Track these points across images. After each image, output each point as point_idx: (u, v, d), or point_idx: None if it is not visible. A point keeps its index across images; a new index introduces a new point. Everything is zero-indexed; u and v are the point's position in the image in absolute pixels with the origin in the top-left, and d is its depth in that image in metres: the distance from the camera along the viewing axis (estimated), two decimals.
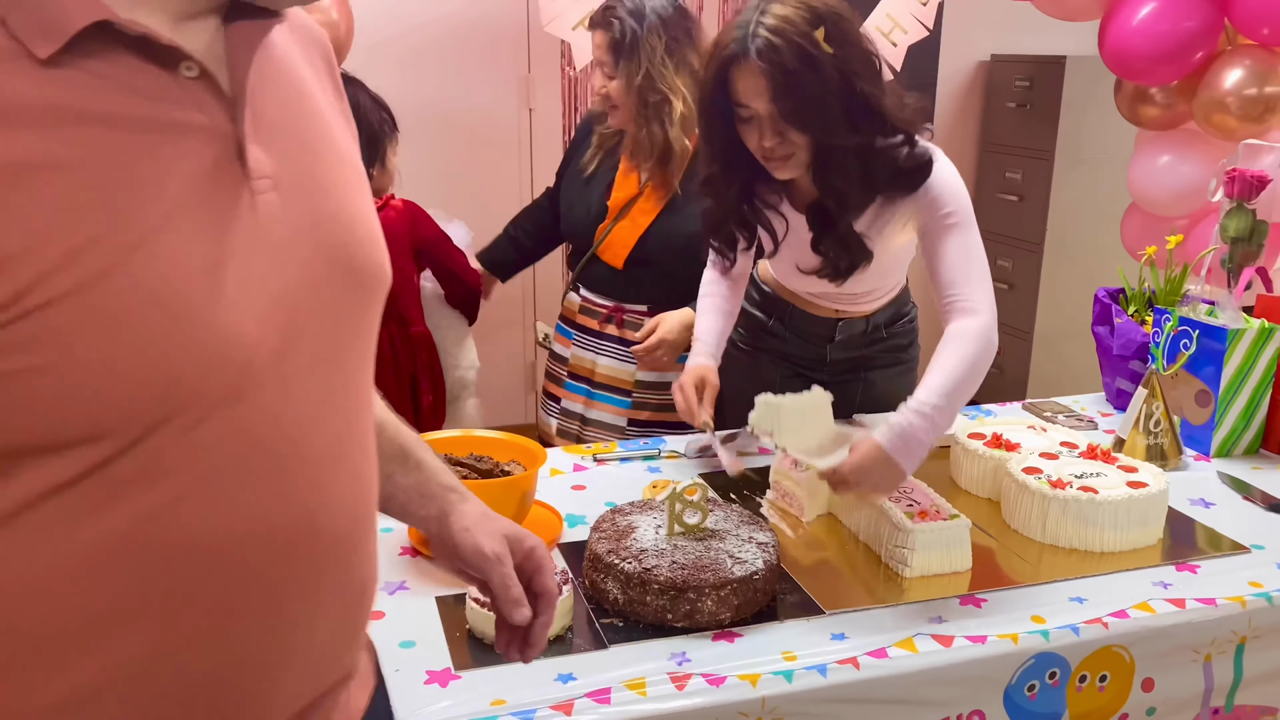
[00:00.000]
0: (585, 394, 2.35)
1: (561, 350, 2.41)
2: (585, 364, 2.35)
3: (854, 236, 1.71)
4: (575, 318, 2.36)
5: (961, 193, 1.71)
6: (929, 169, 1.68)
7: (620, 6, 2.08)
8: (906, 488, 1.59)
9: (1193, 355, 1.94)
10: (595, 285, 2.32)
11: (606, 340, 2.32)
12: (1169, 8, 2.54)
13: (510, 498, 1.51)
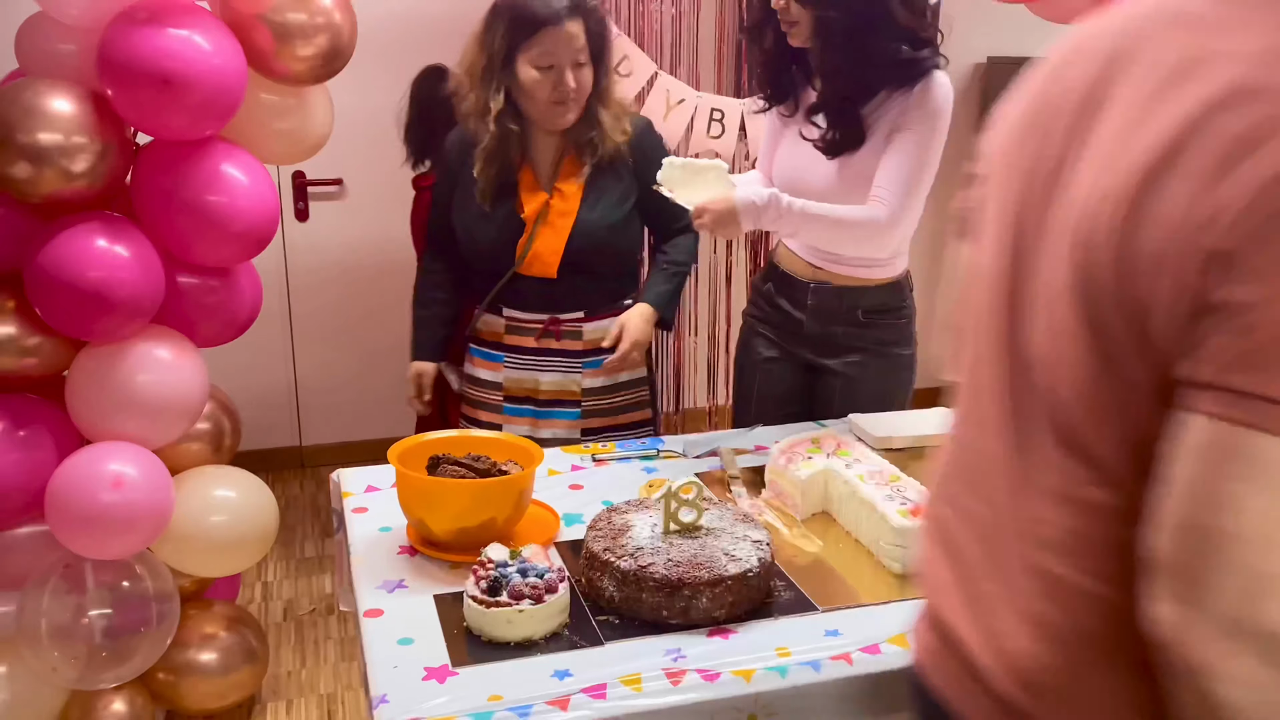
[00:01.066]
0: (531, 414, 2.24)
1: (489, 376, 2.26)
2: (526, 384, 2.23)
3: (851, 113, 1.97)
4: (503, 339, 2.23)
5: (934, 114, 1.94)
6: (920, 75, 1.92)
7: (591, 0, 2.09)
8: (901, 486, 1.61)
9: None
10: (521, 302, 2.20)
11: (546, 355, 2.23)
12: None
13: (507, 497, 1.53)
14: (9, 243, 1.99)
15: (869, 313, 2.15)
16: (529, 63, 2.03)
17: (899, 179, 1.96)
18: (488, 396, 2.27)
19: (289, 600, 3.11)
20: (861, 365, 2.17)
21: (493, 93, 2.07)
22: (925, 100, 1.94)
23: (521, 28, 2.01)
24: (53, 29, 1.99)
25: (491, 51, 2.05)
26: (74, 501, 1.99)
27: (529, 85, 2.04)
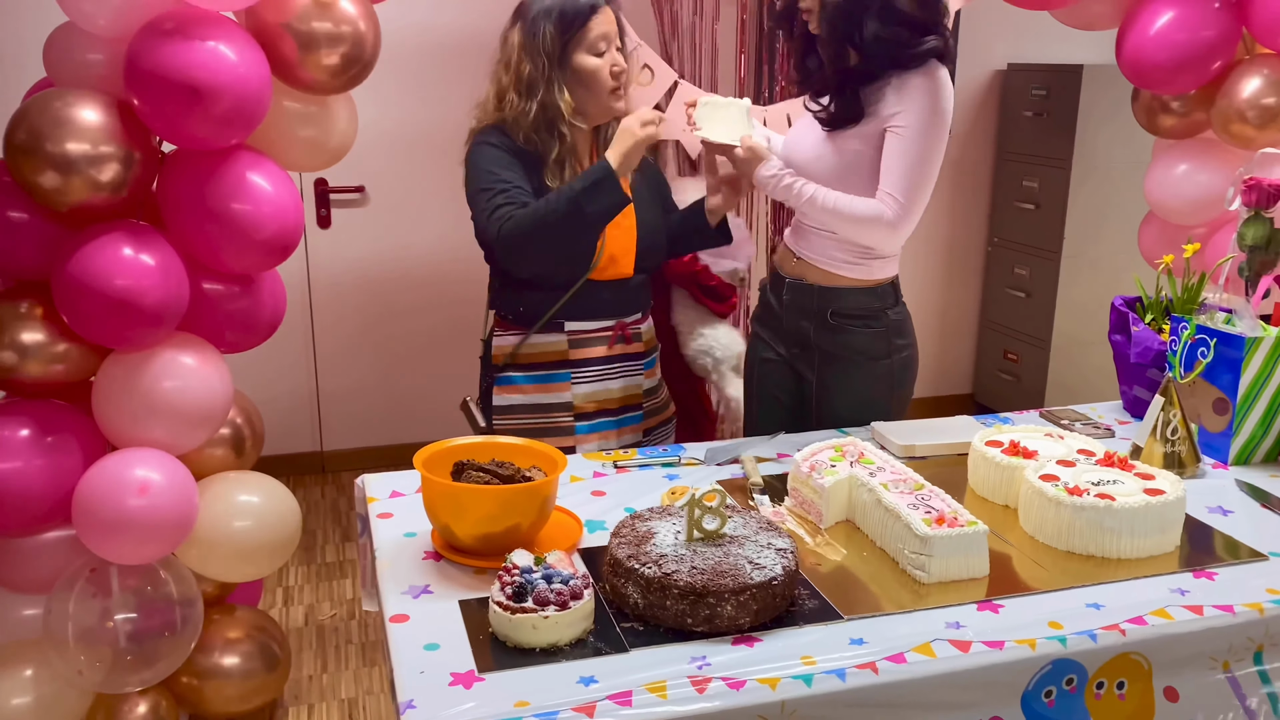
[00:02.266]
0: (607, 427, 2.23)
1: (552, 399, 2.18)
2: (599, 397, 2.20)
3: (852, 93, 2.02)
4: (568, 355, 2.17)
5: (929, 105, 1.97)
6: (918, 64, 1.96)
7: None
8: (925, 494, 1.60)
9: (1210, 363, 1.95)
10: (587, 311, 2.16)
11: (614, 362, 2.22)
12: (1187, 17, 2.54)
13: (531, 503, 1.53)
14: (37, 251, 2.01)
15: (838, 315, 2.15)
16: (587, 51, 2.07)
17: (903, 174, 1.98)
18: (555, 420, 2.19)
19: (310, 605, 3.13)
20: (835, 372, 2.19)
21: (558, 93, 2.07)
22: (921, 89, 1.97)
23: (574, 19, 2.05)
24: (80, 39, 2.01)
25: (546, 53, 2.05)
26: (100, 507, 2.00)
27: (592, 73, 2.08)
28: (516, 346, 2.18)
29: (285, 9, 2.03)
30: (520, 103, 2.07)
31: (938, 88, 1.98)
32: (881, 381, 2.18)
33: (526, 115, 2.07)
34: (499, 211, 2.02)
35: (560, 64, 2.06)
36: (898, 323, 2.18)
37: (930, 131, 1.98)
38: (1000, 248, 4.56)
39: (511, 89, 2.08)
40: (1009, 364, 4.56)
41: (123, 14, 1.94)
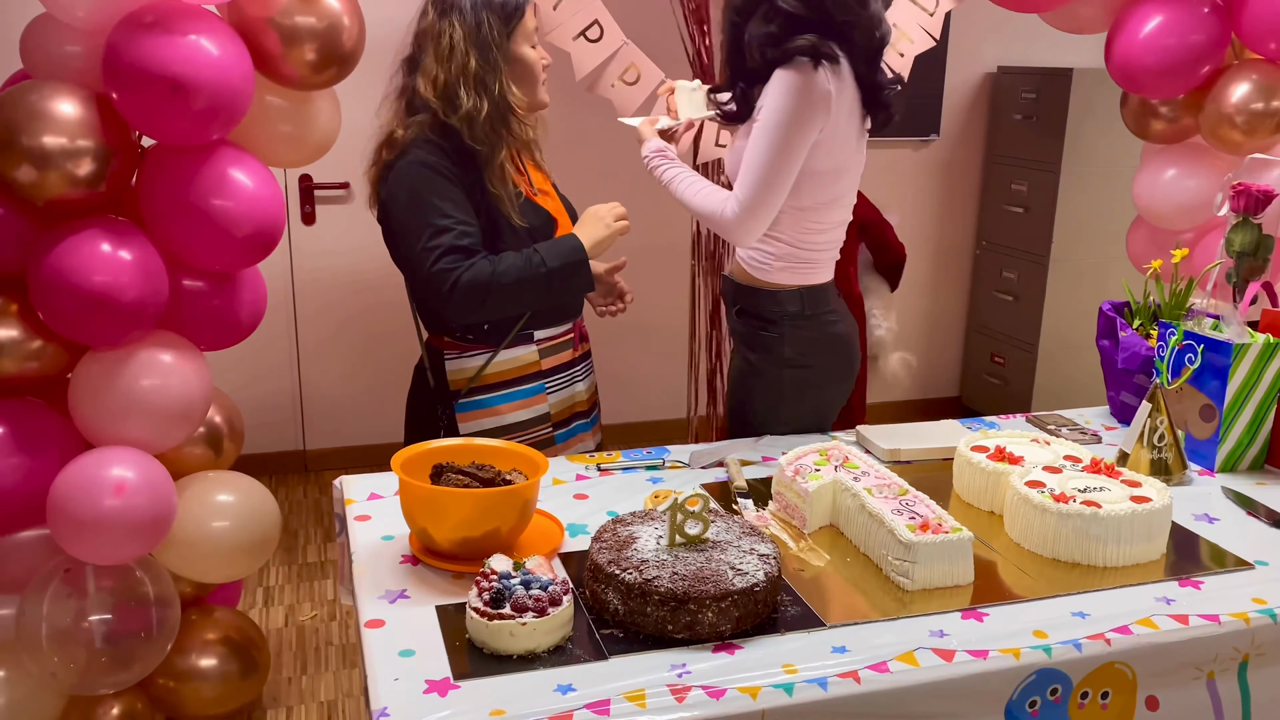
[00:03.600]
0: (581, 429, 2.20)
1: (531, 413, 2.10)
2: (568, 401, 2.16)
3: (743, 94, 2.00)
4: (540, 366, 2.10)
5: (777, 106, 1.88)
6: (786, 61, 1.88)
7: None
8: (909, 500, 1.58)
9: (1197, 370, 1.94)
10: (551, 319, 2.09)
11: (579, 363, 2.20)
12: (1176, 22, 2.53)
13: (511, 507, 1.51)
14: (13, 246, 1.98)
15: (741, 312, 2.13)
16: (525, 42, 2.01)
17: (745, 172, 1.93)
18: (535, 434, 2.11)
19: (290, 606, 3.10)
20: (739, 369, 2.17)
21: (507, 86, 1.97)
22: (774, 87, 1.89)
23: (514, 10, 1.97)
24: (58, 31, 1.98)
25: (495, 44, 1.94)
26: (75, 506, 1.97)
27: (531, 65, 2.01)
28: (482, 367, 2.05)
29: (268, 3, 2.01)
30: (471, 100, 1.92)
31: (787, 86, 1.86)
32: (772, 389, 2.10)
33: (479, 113, 1.93)
34: (446, 260, 1.88)
35: (504, 58, 1.97)
36: (799, 336, 2.07)
37: (774, 130, 1.88)
38: (988, 251, 4.56)
39: (460, 86, 1.92)
40: (996, 367, 4.55)
41: (102, 6, 1.91)
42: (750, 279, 2.09)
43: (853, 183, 2.05)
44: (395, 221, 1.96)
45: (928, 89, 4.31)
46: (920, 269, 4.62)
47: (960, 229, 4.62)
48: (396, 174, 1.94)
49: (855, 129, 1.98)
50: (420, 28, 1.98)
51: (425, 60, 1.96)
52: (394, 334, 3.92)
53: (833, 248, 2.10)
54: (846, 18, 1.89)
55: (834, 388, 2.16)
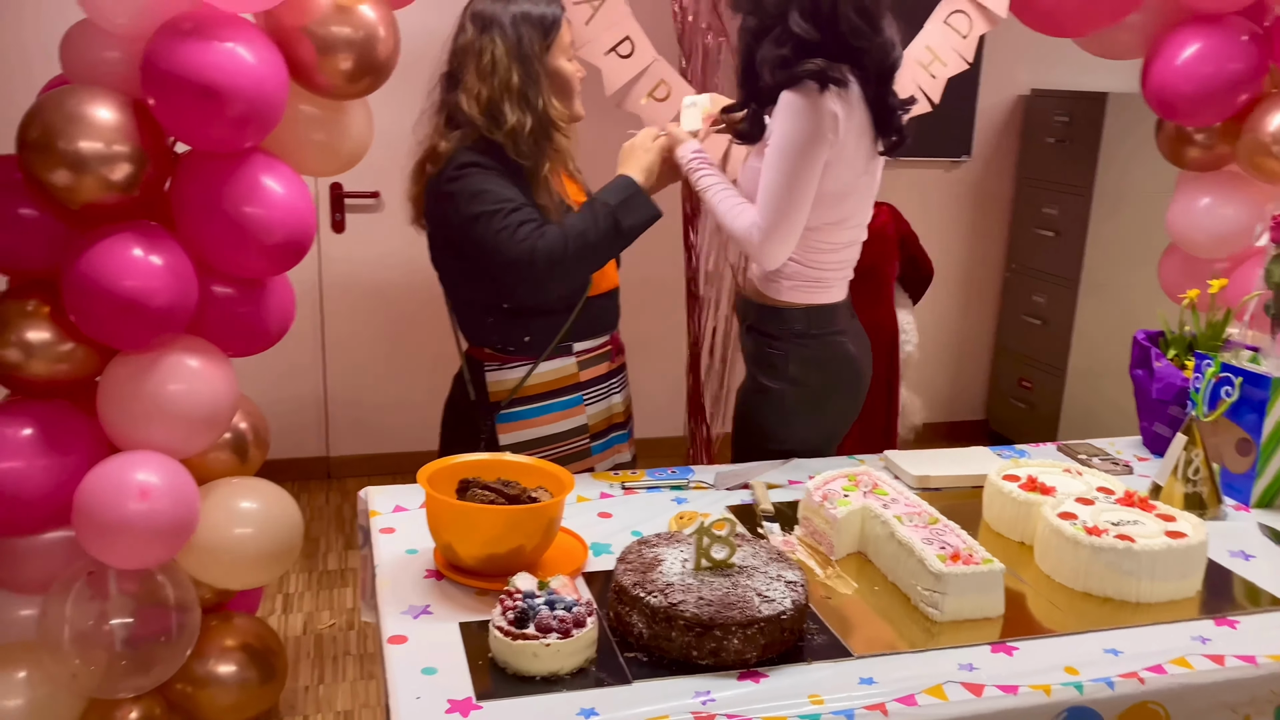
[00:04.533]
0: (619, 440, 2.20)
1: (568, 425, 2.10)
2: (605, 413, 2.16)
3: (755, 112, 2.01)
4: (579, 378, 2.10)
5: (783, 130, 1.89)
6: (795, 84, 1.87)
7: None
8: (939, 529, 1.56)
9: (1234, 402, 1.90)
10: (588, 330, 2.09)
11: (616, 375, 2.20)
12: (1214, 49, 2.51)
13: (536, 525, 1.50)
14: (46, 249, 2.00)
15: (750, 329, 2.14)
16: (562, 56, 2.01)
17: (763, 199, 1.93)
18: (573, 446, 2.11)
19: (309, 613, 3.09)
20: (744, 386, 2.17)
21: (548, 99, 1.98)
22: (782, 111, 1.89)
23: (552, 24, 1.97)
24: (98, 36, 1.99)
25: (531, 57, 1.95)
26: (100, 510, 1.98)
27: (569, 78, 2.02)
28: (523, 379, 2.05)
29: (305, 12, 2.02)
30: (515, 114, 1.93)
31: (794, 110, 1.87)
32: (772, 406, 2.09)
33: (523, 127, 1.94)
34: (523, 229, 1.88)
35: (545, 71, 1.97)
36: (804, 355, 2.06)
37: (784, 155, 1.89)
38: (1018, 274, 4.52)
39: (504, 101, 1.93)
40: (1023, 391, 4.51)
41: (142, 12, 1.92)
42: (761, 296, 2.09)
43: (861, 204, 2.04)
44: (461, 220, 1.92)
45: (960, 110, 4.28)
46: (949, 290, 4.59)
47: (990, 251, 4.59)
48: (449, 179, 1.93)
49: (864, 152, 1.97)
50: (459, 44, 1.98)
51: (467, 77, 1.96)
52: (419, 342, 3.93)
53: (843, 267, 2.09)
54: (859, 43, 1.89)
55: (838, 408, 2.14)
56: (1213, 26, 2.52)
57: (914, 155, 4.29)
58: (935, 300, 4.57)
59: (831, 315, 2.08)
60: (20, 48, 3.33)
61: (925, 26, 2.62)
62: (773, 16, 1.90)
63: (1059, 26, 2.66)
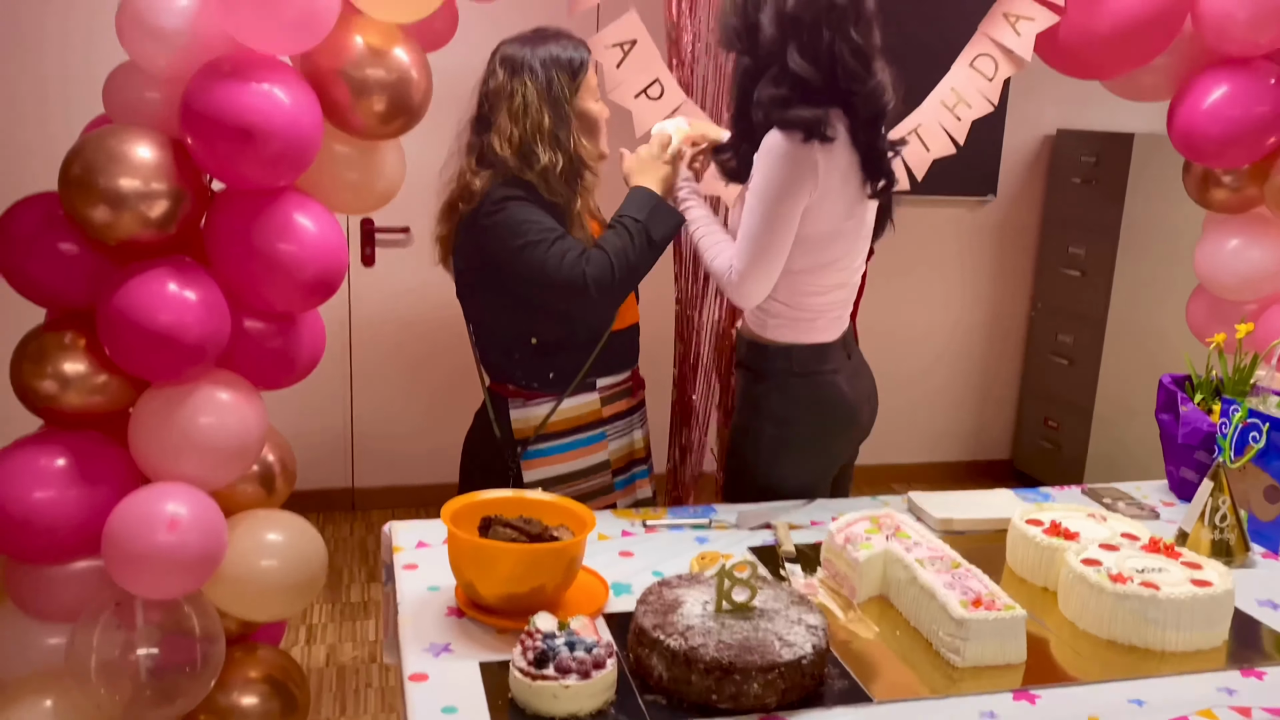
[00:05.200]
0: (641, 475, 2.22)
1: (592, 461, 2.13)
2: (627, 448, 2.19)
3: (745, 154, 1.98)
4: (601, 414, 2.14)
5: (761, 175, 1.91)
6: (784, 129, 1.88)
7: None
8: (962, 573, 1.56)
9: (1262, 449, 1.89)
10: (610, 365, 2.13)
11: (636, 411, 2.22)
12: (1241, 92, 2.51)
13: (558, 564, 1.51)
14: (84, 283, 2.04)
15: (739, 365, 2.16)
16: (590, 97, 2.06)
17: (740, 241, 1.95)
18: (595, 482, 2.14)
19: (332, 645, 3.11)
20: (733, 425, 2.17)
21: (577, 139, 2.02)
22: (761, 156, 1.91)
23: (580, 67, 2.03)
24: (140, 78, 2.04)
25: (561, 99, 2.00)
26: (129, 541, 2.00)
27: (595, 118, 2.07)
28: (548, 415, 2.08)
29: (340, 55, 2.06)
30: (548, 155, 1.99)
31: (775, 156, 1.89)
32: (751, 443, 2.09)
33: (555, 166, 1.99)
34: (570, 256, 1.92)
35: (574, 112, 2.03)
36: (787, 394, 2.06)
37: (762, 200, 1.91)
38: (1044, 313, 4.50)
39: (536, 142, 1.98)
40: (1049, 431, 4.48)
41: (183, 55, 1.97)
42: (751, 334, 2.10)
43: (850, 247, 2.04)
44: (506, 252, 1.95)
45: (986, 149, 4.29)
46: (974, 328, 4.58)
47: (1015, 290, 4.58)
48: (488, 213, 1.97)
49: (849, 195, 1.97)
50: (490, 88, 2.03)
51: (498, 119, 2.01)
52: (447, 376, 3.96)
53: (835, 309, 2.08)
54: (853, 86, 1.90)
55: (826, 448, 2.12)
56: (1239, 69, 2.52)
57: (940, 194, 4.30)
58: (961, 338, 4.56)
59: (822, 354, 2.07)
60: (63, 86, 3.42)
61: (951, 69, 2.64)
62: (769, 56, 1.91)
63: (1085, 69, 2.67)
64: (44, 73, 3.44)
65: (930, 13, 3.58)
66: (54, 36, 3.43)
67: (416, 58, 2.13)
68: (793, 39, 1.87)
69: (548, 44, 2.03)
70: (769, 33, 1.89)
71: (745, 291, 1.96)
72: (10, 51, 3.43)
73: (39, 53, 3.44)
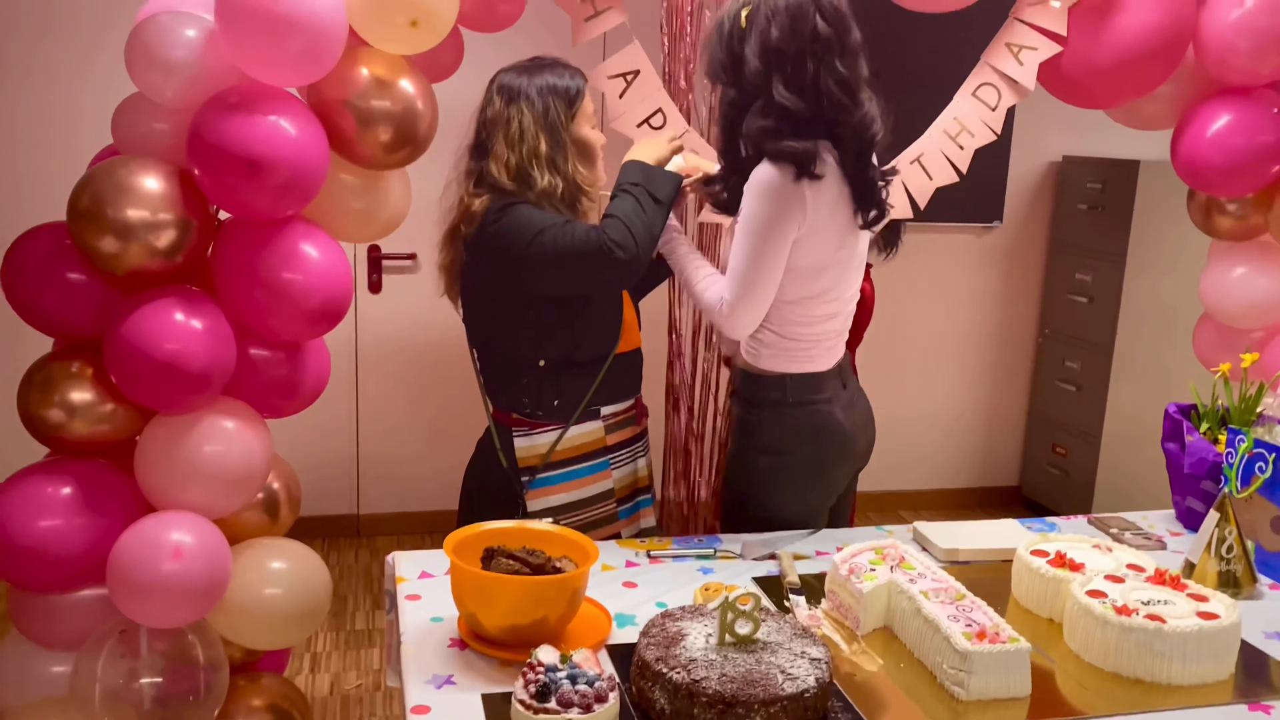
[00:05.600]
0: (645, 504, 2.22)
1: (596, 489, 2.13)
2: (631, 476, 2.19)
3: (734, 187, 1.99)
4: (605, 442, 2.14)
5: (748, 208, 1.92)
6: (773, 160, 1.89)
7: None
8: (966, 605, 1.55)
9: (1269, 479, 1.88)
10: (614, 392, 2.14)
11: (639, 440, 2.23)
12: (1244, 121, 2.51)
13: (561, 596, 1.50)
14: (92, 312, 2.05)
15: (734, 394, 2.16)
16: (586, 124, 2.09)
17: (730, 273, 1.96)
18: (600, 510, 2.14)
19: (337, 673, 3.10)
20: (728, 454, 2.18)
21: (575, 165, 2.06)
22: (749, 188, 1.92)
23: (576, 95, 2.06)
24: (148, 109, 2.06)
25: (557, 125, 2.03)
26: (134, 569, 2.00)
27: (592, 145, 2.10)
28: (554, 444, 2.09)
29: (346, 86, 2.08)
30: (546, 178, 2.02)
31: (763, 190, 1.90)
32: (746, 474, 2.09)
33: (555, 189, 2.02)
34: (583, 228, 1.95)
35: (570, 139, 2.06)
36: (779, 423, 2.05)
37: (749, 232, 1.92)
38: (1051, 339, 4.50)
39: (533, 167, 2.02)
40: (1057, 458, 4.46)
41: (190, 87, 1.99)
42: (745, 364, 2.10)
43: (841, 277, 2.03)
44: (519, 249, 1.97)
45: (992, 176, 4.30)
46: (981, 355, 4.57)
47: (1023, 316, 4.57)
48: (492, 221, 2.00)
49: (839, 226, 1.97)
50: (488, 115, 2.07)
51: (496, 145, 2.04)
52: (452, 402, 3.97)
53: (828, 339, 2.07)
54: (839, 116, 1.91)
55: (818, 480, 2.10)
56: (1242, 99, 2.53)
57: (946, 221, 4.31)
58: (968, 364, 4.56)
59: (817, 383, 2.07)
60: (72, 117, 3.45)
61: (955, 98, 2.65)
62: (754, 88, 1.92)
63: (1088, 98, 2.68)
64: (53, 104, 3.48)
65: (934, 42, 3.60)
66: (62, 68, 3.47)
67: (422, 88, 2.15)
68: (777, 71, 1.88)
69: (544, 73, 2.06)
70: (753, 65, 1.90)
71: (736, 324, 1.97)
72: (19, 83, 3.47)
73: (48, 84, 3.48)
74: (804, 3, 1.88)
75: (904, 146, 2.52)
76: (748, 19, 1.91)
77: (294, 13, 1.87)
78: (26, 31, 3.43)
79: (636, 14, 2.42)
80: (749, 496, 2.09)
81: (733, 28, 1.94)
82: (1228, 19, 2.37)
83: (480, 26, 2.19)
